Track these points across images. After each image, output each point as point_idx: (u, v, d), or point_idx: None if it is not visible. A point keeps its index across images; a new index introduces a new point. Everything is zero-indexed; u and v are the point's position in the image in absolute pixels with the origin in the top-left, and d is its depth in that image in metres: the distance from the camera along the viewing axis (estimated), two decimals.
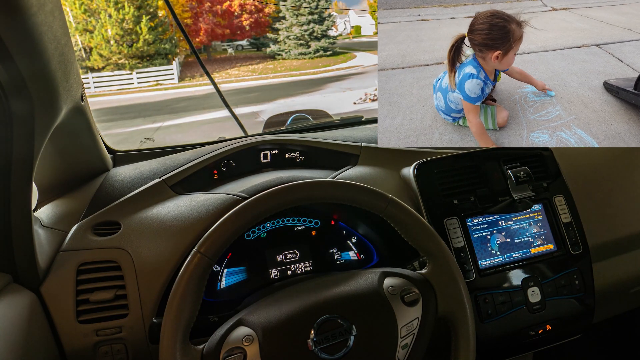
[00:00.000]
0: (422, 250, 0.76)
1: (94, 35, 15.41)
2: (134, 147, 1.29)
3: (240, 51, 21.46)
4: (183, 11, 17.90)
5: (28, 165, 0.75)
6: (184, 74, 17.06)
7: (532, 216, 1.03)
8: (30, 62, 0.65)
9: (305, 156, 1.16)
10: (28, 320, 0.75)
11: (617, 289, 1.09)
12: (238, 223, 0.68)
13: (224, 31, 19.40)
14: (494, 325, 0.95)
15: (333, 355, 0.65)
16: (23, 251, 0.79)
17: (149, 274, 0.85)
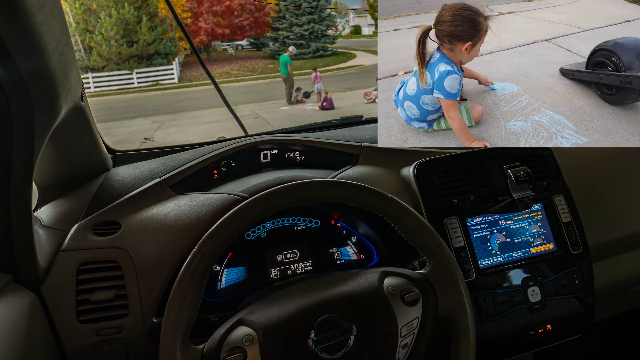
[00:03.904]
0: (422, 249, 0.76)
1: (94, 35, 15.41)
2: (134, 147, 1.29)
3: (240, 51, 21.47)
4: (183, 11, 17.90)
5: (28, 165, 0.75)
6: (184, 73, 17.08)
7: (532, 216, 1.03)
8: (30, 62, 0.65)
9: (305, 156, 1.16)
10: (28, 320, 0.75)
11: (617, 288, 1.09)
12: (238, 223, 0.68)
13: (224, 31, 19.40)
14: (494, 325, 0.95)
15: (333, 354, 0.65)
16: (23, 251, 0.79)
17: (149, 274, 0.85)
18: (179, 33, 17.08)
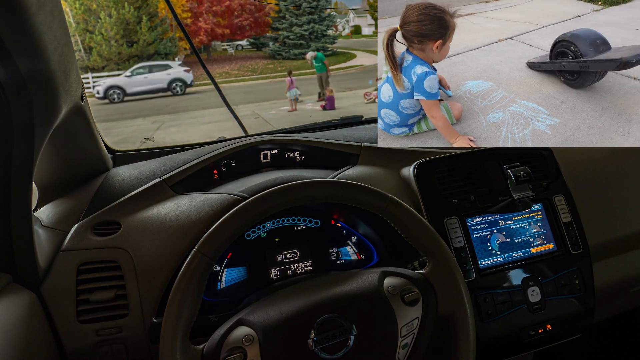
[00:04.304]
0: (422, 249, 0.76)
1: (94, 35, 15.42)
2: (134, 147, 1.29)
3: (240, 51, 21.47)
4: (183, 11, 17.91)
5: (28, 165, 0.75)
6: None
7: (532, 216, 1.03)
8: (30, 62, 0.65)
9: (305, 156, 1.16)
10: (28, 320, 0.75)
11: (617, 288, 1.09)
12: (238, 223, 0.68)
13: (224, 31, 19.40)
14: (494, 325, 0.95)
15: (333, 354, 0.65)
16: (23, 251, 0.79)
17: (149, 274, 0.85)
18: (179, 33, 17.09)
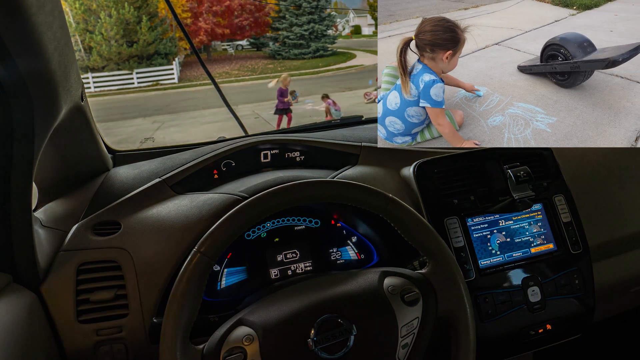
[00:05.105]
0: (422, 249, 0.76)
1: (94, 35, 15.41)
2: (134, 147, 1.30)
3: (240, 51, 21.47)
4: (183, 11, 17.90)
5: (28, 165, 0.75)
6: (184, 73, 17.07)
7: (532, 216, 1.03)
8: (30, 62, 0.65)
9: (306, 156, 1.16)
10: (28, 320, 0.75)
11: (617, 288, 1.09)
12: (238, 223, 0.68)
13: (224, 31, 19.40)
14: (494, 325, 0.95)
15: (333, 354, 0.65)
16: (23, 251, 0.79)
17: (149, 274, 0.85)
18: (179, 33, 17.08)
